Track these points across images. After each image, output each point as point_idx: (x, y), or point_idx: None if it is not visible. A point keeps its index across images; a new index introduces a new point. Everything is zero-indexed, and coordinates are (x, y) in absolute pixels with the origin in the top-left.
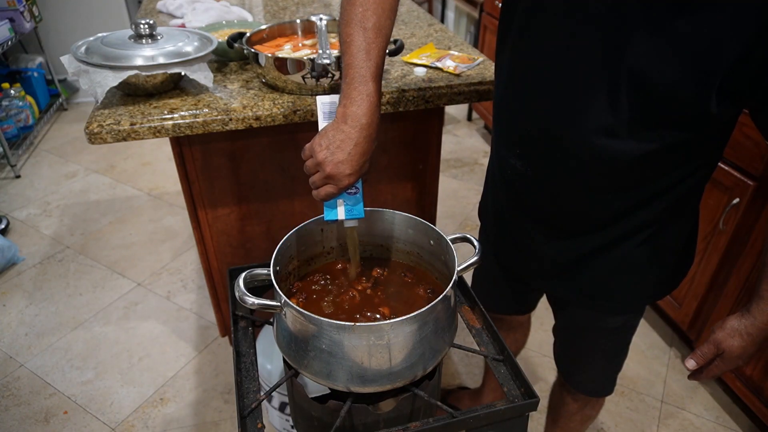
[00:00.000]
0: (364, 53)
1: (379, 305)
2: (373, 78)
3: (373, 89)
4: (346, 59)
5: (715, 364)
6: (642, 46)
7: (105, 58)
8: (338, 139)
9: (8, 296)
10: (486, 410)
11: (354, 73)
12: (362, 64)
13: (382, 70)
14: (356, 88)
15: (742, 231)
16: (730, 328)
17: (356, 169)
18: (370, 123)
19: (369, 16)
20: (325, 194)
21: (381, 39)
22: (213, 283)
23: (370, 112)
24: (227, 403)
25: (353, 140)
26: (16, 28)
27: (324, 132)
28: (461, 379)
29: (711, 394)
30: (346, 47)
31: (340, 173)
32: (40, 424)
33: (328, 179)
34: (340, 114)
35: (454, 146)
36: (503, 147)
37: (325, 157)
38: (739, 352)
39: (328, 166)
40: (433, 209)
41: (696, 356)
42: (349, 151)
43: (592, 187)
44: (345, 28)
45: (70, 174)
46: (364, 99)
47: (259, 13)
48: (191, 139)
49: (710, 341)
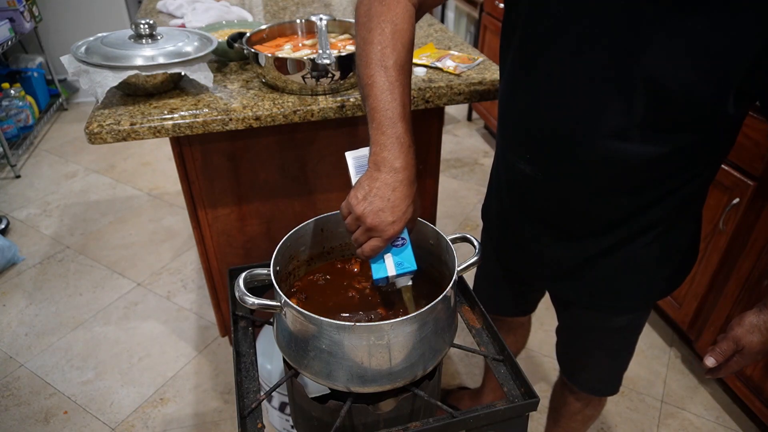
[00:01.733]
0: (388, 94)
1: (378, 305)
2: (401, 119)
3: (402, 130)
4: (370, 102)
5: (734, 360)
6: (656, 49)
7: (105, 58)
8: (374, 187)
9: (8, 296)
10: (486, 410)
11: (380, 117)
12: (388, 106)
13: (409, 110)
14: (384, 132)
15: (742, 231)
16: (749, 324)
17: (399, 215)
18: (406, 165)
19: (388, 54)
20: (371, 249)
21: (404, 76)
22: (213, 283)
23: (403, 154)
24: (227, 403)
25: (390, 186)
26: (16, 28)
27: (359, 184)
28: (461, 379)
29: (711, 394)
30: (368, 90)
31: (383, 222)
32: (40, 424)
33: (370, 232)
34: (372, 162)
35: (454, 146)
36: (509, 149)
37: (364, 209)
38: (759, 347)
39: (368, 217)
40: (433, 209)
41: (715, 353)
42: (389, 197)
43: (601, 189)
44: (365, 69)
45: (70, 174)
46: (394, 142)
47: (259, 13)
48: (191, 139)
49: (729, 338)
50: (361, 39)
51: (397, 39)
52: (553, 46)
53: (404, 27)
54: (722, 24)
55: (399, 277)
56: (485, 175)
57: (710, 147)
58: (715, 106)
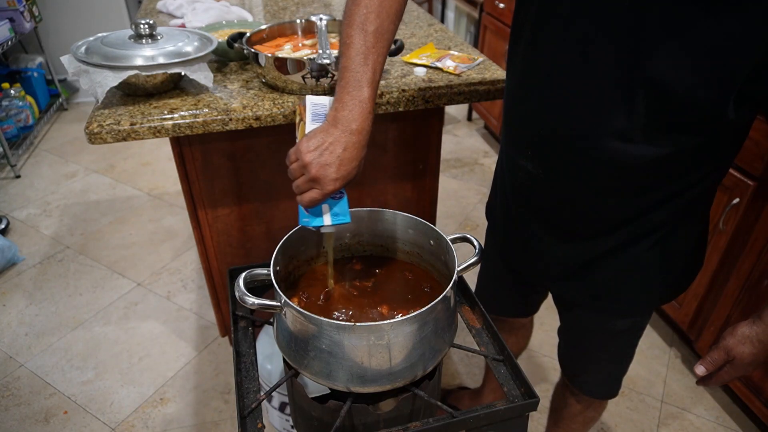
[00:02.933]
0: (362, 57)
1: (379, 305)
2: (368, 84)
3: (367, 95)
4: (343, 62)
5: (725, 370)
6: (660, 52)
7: (105, 58)
8: (327, 142)
9: (8, 296)
10: (486, 410)
11: (349, 76)
12: (359, 69)
13: (379, 77)
14: (350, 92)
15: (742, 231)
16: (741, 335)
17: (343, 174)
18: (361, 129)
19: (371, 20)
20: (309, 200)
21: (381, 44)
22: (213, 283)
23: (362, 117)
24: (227, 403)
25: (342, 144)
26: (16, 28)
27: (312, 134)
28: (461, 379)
29: (711, 395)
30: (344, 49)
31: (326, 177)
32: (40, 424)
33: (313, 182)
34: (330, 117)
35: (454, 146)
36: (513, 149)
37: (312, 159)
38: (750, 359)
39: (314, 168)
40: (433, 209)
41: (705, 362)
42: (339, 155)
43: (604, 190)
44: (346, 29)
45: (70, 174)
46: (356, 104)
47: (259, 13)
48: (191, 139)
49: (720, 347)
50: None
51: (384, 7)
52: (558, 46)
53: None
54: (726, 26)
55: (325, 227)
56: (485, 175)
57: (714, 150)
58: (717, 109)
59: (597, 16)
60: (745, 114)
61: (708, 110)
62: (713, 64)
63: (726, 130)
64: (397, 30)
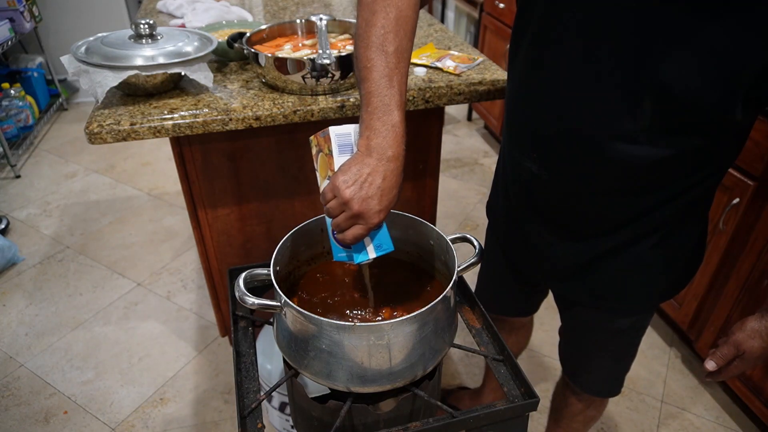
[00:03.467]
0: (386, 80)
1: (378, 305)
2: (397, 107)
3: (398, 119)
4: (367, 86)
5: (734, 364)
6: (665, 55)
7: (105, 58)
8: (365, 173)
9: (8, 296)
10: (486, 410)
11: (377, 102)
12: (385, 92)
13: (405, 98)
14: (380, 118)
15: (742, 231)
16: (750, 329)
17: (386, 205)
18: (397, 155)
19: (390, 39)
20: (353, 237)
21: (403, 64)
22: (213, 283)
23: (396, 143)
24: (227, 403)
25: (381, 174)
26: (16, 28)
27: (346, 167)
28: (461, 379)
29: (711, 395)
30: (366, 73)
31: (370, 210)
32: (40, 424)
33: (355, 219)
34: (363, 146)
35: (454, 146)
36: (516, 149)
37: (353, 195)
38: (759, 353)
39: (356, 204)
40: (433, 209)
41: (715, 357)
42: (379, 185)
43: (606, 190)
44: (364, 51)
45: (70, 174)
46: (389, 130)
47: (259, 13)
48: (191, 139)
49: (730, 342)
50: (363, 20)
51: (401, 25)
52: (562, 47)
53: (408, 14)
54: (733, 30)
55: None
56: (485, 175)
57: (718, 151)
58: (723, 111)
59: (602, 20)
60: (750, 115)
61: (714, 113)
62: (720, 67)
63: (730, 131)
64: (412, 48)
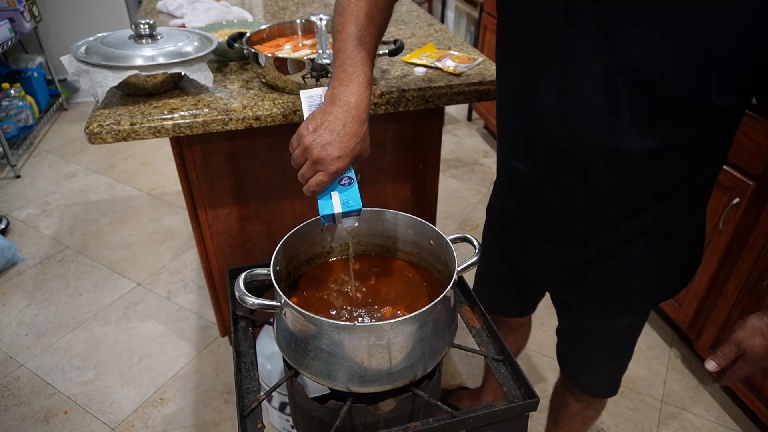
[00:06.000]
0: (355, 39)
1: (379, 305)
2: (363, 62)
3: (362, 71)
4: (337, 45)
5: (738, 365)
6: (636, 39)
7: (105, 58)
8: (326, 120)
9: (8, 296)
10: (486, 410)
11: (343, 56)
12: (352, 49)
13: (373, 59)
14: (345, 69)
15: (742, 231)
16: (751, 327)
17: (346, 151)
18: (359, 103)
19: (362, 6)
20: (316, 184)
21: (373, 29)
22: (213, 283)
23: (359, 92)
24: (227, 403)
25: (341, 120)
26: (16, 28)
27: (311, 116)
28: (461, 379)
29: (711, 395)
30: (337, 34)
31: (329, 156)
32: (40, 424)
33: (316, 164)
34: (327, 97)
35: (454, 146)
36: (507, 150)
37: (312, 140)
38: (762, 352)
39: (315, 149)
40: (433, 209)
41: (716, 357)
42: (338, 131)
43: (596, 187)
44: (338, 17)
45: (70, 174)
46: (352, 80)
47: (259, 13)
48: (191, 139)
49: (731, 341)
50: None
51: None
52: (536, 45)
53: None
54: (700, 11)
55: (345, 218)
56: (485, 175)
57: (705, 142)
58: (698, 96)
59: (573, 10)
60: (731, 100)
61: (690, 97)
62: (690, 48)
63: (713, 119)
64: (388, 19)
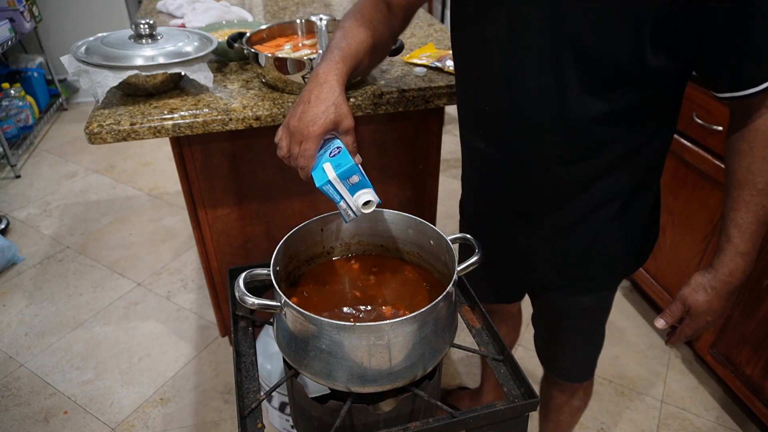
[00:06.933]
0: (342, 39)
1: (379, 305)
2: (340, 49)
3: (337, 56)
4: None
5: (686, 323)
6: (575, 11)
7: (105, 58)
8: (299, 99)
9: (8, 296)
10: (486, 410)
11: (329, 47)
12: (336, 43)
13: (355, 53)
14: (324, 56)
15: None
16: (694, 283)
17: (318, 114)
18: (326, 72)
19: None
20: (302, 155)
21: (363, 29)
22: (213, 283)
23: (327, 65)
24: (227, 403)
25: (311, 92)
26: (16, 28)
27: None
28: (461, 379)
29: (711, 394)
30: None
31: (303, 122)
32: (40, 424)
33: (296, 136)
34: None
35: (454, 146)
36: (465, 131)
37: (289, 118)
38: (704, 307)
39: (291, 122)
40: (433, 209)
41: (665, 315)
42: (308, 100)
43: (550, 159)
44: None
45: (70, 174)
46: (324, 61)
47: (259, 13)
48: (191, 139)
49: (677, 298)
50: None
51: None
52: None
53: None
54: None
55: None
56: None
57: (651, 109)
58: (635, 61)
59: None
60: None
61: (627, 63)
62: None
63: (655, 82)
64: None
